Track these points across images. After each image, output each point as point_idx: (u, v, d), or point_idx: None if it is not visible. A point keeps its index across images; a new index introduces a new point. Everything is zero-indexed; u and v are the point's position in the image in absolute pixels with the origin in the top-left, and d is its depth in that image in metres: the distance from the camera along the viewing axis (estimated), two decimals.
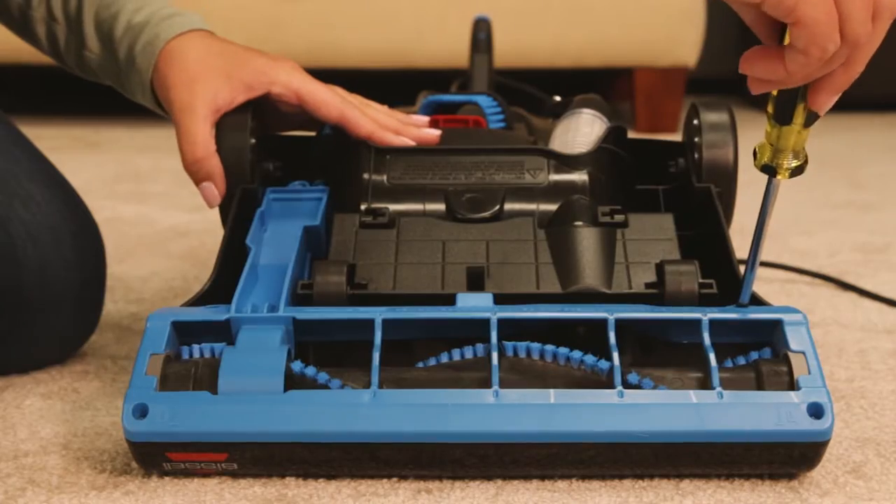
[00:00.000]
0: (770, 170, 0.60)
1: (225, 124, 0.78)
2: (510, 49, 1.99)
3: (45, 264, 0.77)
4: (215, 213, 0.82)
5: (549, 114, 0.97)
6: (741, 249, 0.71)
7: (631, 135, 0.83)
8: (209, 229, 1.24)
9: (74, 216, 0.81)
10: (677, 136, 0.87)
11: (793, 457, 0.62)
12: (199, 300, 0.69)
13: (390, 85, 1.13)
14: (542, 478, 0.64)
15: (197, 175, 0.76)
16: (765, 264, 1.08)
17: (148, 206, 1.40)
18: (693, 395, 0.61)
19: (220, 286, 0.70)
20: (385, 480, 0.63)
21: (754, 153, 0.61)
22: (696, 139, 0.80)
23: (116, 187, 1.53)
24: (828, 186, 1.57)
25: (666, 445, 0.61)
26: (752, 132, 0.83)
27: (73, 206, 0.82)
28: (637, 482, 0.63)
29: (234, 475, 0.64)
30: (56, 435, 0.71)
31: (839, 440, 0.69)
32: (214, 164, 0.76)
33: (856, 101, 2.26)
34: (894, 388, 0.78)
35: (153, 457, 0.62)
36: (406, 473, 0.64)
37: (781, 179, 0.61)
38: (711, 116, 0.81)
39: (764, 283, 1.05)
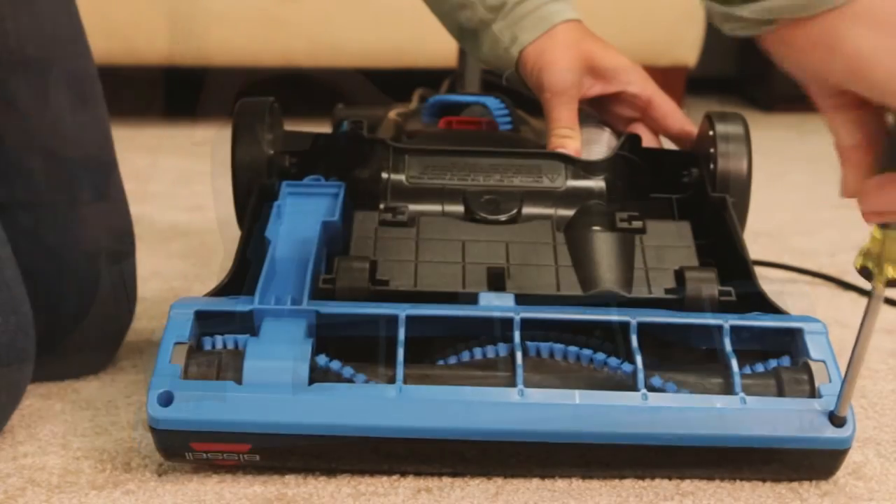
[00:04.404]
0: (867, 273, 0.56)
1: (243, 120, 0.81)
2: None
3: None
4: (215, 213, 0.82)
5: None
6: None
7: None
8: (209, 229, 1.23)
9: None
10: None
11: (813, 464, 0.62)
12: (219, 293, 0.69)
13: (390, 85, 1.12)
14: (552, 476, 0.64)
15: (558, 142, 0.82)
16: (765, 264, 1.08)
17: (148, 206, 1.40)
18: (716, 400, 0.61)
19: (236, 279, 0.70)
20: (385, 479, 0.63)
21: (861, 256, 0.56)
22: (711, 150, 0.81)
23: None
24: (828, 186, 1.57)
25: (687, 449, 0.61)
26: (752, 132, 0.83)
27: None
28: (637, 482, 0.63)
29: (256, 468, 0.64)
30: (56, 435, 0.71)
31: None
32: (571, 142, 0.81)
33: None
34: (894, 387, 0.78)
35: (177, 446, 0.62)
36: (426, 470, 0.64)
37: (879, 287, 0.56)
38: (726, 127, 0.81)
39: (764, 284, 1.03)
